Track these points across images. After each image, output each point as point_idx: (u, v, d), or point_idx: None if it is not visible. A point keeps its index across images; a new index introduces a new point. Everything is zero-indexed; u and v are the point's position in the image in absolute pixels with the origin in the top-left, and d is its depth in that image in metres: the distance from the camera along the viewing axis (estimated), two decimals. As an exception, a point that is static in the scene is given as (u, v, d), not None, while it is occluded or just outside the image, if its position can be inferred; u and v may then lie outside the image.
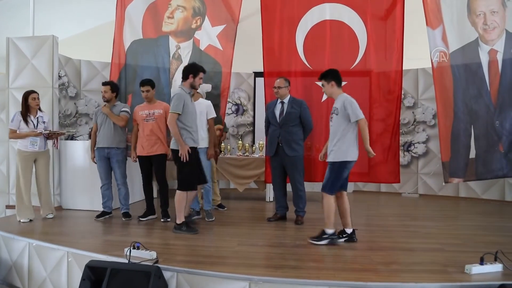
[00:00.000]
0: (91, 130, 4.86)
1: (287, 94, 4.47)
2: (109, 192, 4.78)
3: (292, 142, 4.39)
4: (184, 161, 3.86)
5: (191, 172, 3.98)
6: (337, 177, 3.61)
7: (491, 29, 4.72)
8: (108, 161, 4.72)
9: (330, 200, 3.62)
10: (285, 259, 3.20)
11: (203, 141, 4.54)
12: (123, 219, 4.70)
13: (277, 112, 4.47)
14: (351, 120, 3.56)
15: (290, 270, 2.91)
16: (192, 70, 3.97)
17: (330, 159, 3.64)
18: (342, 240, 3.67)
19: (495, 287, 2.55)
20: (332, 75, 3.68)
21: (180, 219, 4.01)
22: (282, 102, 4.47)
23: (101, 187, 4.77)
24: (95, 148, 4.74)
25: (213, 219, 4.62)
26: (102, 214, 4.74)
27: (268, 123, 4.58)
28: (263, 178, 5.51)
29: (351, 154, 3.60)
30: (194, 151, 3.98)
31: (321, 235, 3.63)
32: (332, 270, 2.92)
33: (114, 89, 4.74)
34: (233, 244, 3.62)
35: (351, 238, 3.70)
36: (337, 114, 3.64)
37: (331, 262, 3.13)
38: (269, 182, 5.14)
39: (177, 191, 3.99)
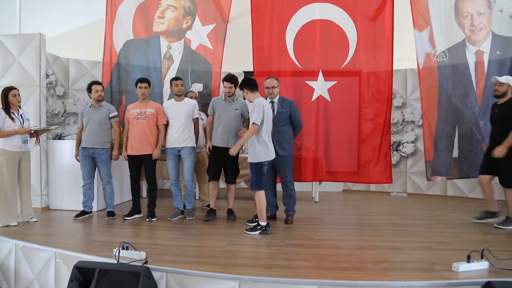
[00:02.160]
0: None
1: (278, 93, 4.49)
2: (90, 191, 4.78)
3: (283, 142, 4.40)
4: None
5: (208, 165, 4.73)
6: (258, 175, 4.01)
7: (478, 30, 4.80)
8: (92, 161, 4.72)
9: (261, 196, 4.01)
10: (275, 258, 3.21)
11: (187, 141, 4.64)
12: (107, 217, 4.69)
13: None
14: (251, 120, 3.93)
15: (280, 269, 2.92)
16: (222, 80, 4.62)
17: (249, 159, 4.06)
18: (257, 232, 3.98)
19: (481, 284, 2.59)
20: (244, 84, 4.06)
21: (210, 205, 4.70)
22: (272, 102, 4.47)
23: (82, 186, 4.75)
24: (80, 147, 4.72)
25: (194, 217, 4.67)
26: (82, 213, 4.72)
27: None
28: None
29: (263, 155, 3.99)
30: (212, 148, 4.55)
31: (255, 227, 4.03)
32: (321, 269, 2.93)
33: (103, 88, 4.81)
34: (223, 244, 3.62)
35: (264, 230, 4.00)
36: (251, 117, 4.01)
37: (320, 261, 3.14)
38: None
39: None
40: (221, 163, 4.57)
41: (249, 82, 4.08)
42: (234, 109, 4.52)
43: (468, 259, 2.88)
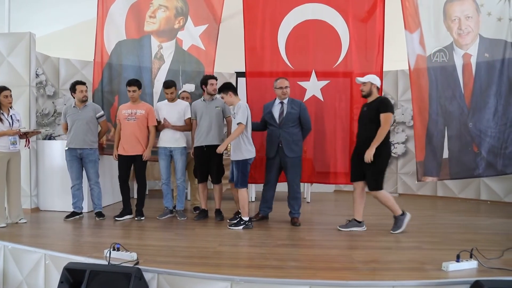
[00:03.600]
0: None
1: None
2: (79, 192, 4.75)
3: (291, 143, 4.41)
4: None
5: (194, 167, 4.84)
6: (243, 172, 4.22)
7: (465, 33, 4.86)
8: (80, 161, 4.69)
9: (244, 193, 4.25)
10: (267, 259, 3.22)
11: (178, 141, 4.71)
12: (97, 218, 4.67)
13: (276, 113, 4.47)
14: (236, 121, 4.14)
15: (272, 270, 2.93)
16: (202, 82, 4.70)
17: (234, 158, 4.22)
18: (241, 227, 4.22)
19: (470, 283, 2.62)
20: (227, 88, 4.27)
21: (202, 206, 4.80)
22: (282, 103, 4.48)
23: (71, 188, 4.72)
24: (66, 149, 4.68)
25: (185, 218, 4.69)
26: (72, 214, 4.69)
27: (264, 122, 4.60)
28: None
29: (249, 152, 4.23)
30: (196, 150, 4.62)
31: (239, 222, 4.24)
32: (313, 270, 2.94)
33: (87, 88, 4.79)
34: (214, 245, 3.61)
35: (246, 225, 4.26)
36: (233, 118, 4.23)
37: (312, 262, 3.16)
38: (259, 182, 5.11)
39: None
40: (206, 163, 4.61)
41: (234, 86, 4.35)
42: (215, 106, 4.64)
43: (458, 259, 2.92)
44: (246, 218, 4.25)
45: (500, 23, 4.79)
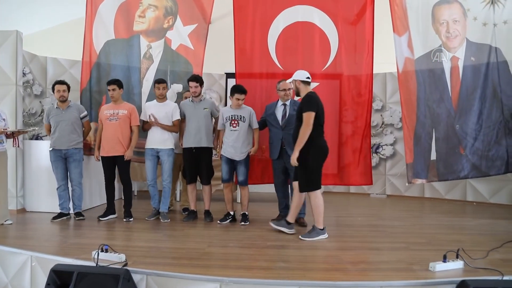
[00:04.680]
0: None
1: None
2: (65, 193, 4.70)
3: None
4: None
5: (183, 168, 4.97)
6: (248, 171, 4.53)
7: (453, 37, 4.95)
8: (65, 162, 4.65)
9: (247, 190, 4.61)
10: (256, 260, 3.22)
11: (166, 142, 4.67)
12: (75, 218, 4.65)
13: (279, 115, 4.47)
14: (253, 127, 4.50)
15: (261, 270, 2.93)
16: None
17: (242, 158, 4.44)
18: (228, 221, 4.55)
19: (456, 283, 2.66)
20: (245, 91, 4.46)
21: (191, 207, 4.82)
22: (284, 105, 4.49)
23: (57, 189, 4.67)
24: (50, 149, 4.63)
25: (169, 220, 4.65)
26: (59, 215, 4.64)
27: (263, 122, 4.62)
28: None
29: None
30: (185, 151, 4.61)
31: (244, 217, 4.54)
32: (302, 270, 2.96)
33: (69, 88, 4.70)
34: (203, 246, 3.60)
35: (234, 219, 4.61)
36: (244, 122, 4.44)
37: (301, 262, 3.17)
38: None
39: None
40: (196, 164, 4.60)
41: None
42: (203, 108, 4.61)
43: (444, 259, 2.96)
44: (232, 212, 4.60)
45: (485, 28, 4.89)
